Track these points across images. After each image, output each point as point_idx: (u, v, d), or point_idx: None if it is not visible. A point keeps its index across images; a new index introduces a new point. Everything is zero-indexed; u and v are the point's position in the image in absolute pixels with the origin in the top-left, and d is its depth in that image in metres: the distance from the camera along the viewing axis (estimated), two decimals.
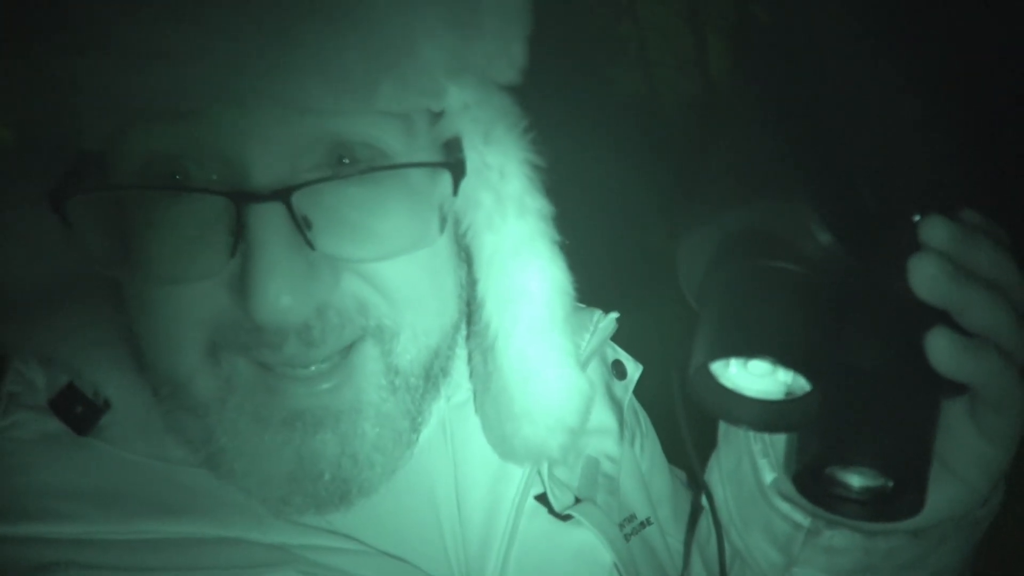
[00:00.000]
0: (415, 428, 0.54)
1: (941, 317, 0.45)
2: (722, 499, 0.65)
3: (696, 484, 0.69)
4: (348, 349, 0.50)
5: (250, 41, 0.43)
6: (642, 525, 0.67)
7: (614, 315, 0.67)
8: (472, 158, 0.53)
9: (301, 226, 0.45)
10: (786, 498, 0.60)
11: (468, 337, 0.62)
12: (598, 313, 0.66)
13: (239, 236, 0.45)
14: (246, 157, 0.46)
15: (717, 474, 0.66)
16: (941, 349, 0.44)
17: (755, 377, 0.48)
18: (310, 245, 0.46)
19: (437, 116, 0.52)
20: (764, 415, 0.48)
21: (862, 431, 0.45)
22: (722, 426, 0.65)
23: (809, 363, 0.44)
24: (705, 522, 0.70)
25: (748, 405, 0.48)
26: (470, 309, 0.59)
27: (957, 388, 0.46)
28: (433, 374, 0.55)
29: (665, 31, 4.71)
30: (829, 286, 0.45)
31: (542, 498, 0.62)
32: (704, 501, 0.65)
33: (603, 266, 0.59)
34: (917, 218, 0.45)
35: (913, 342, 0.44)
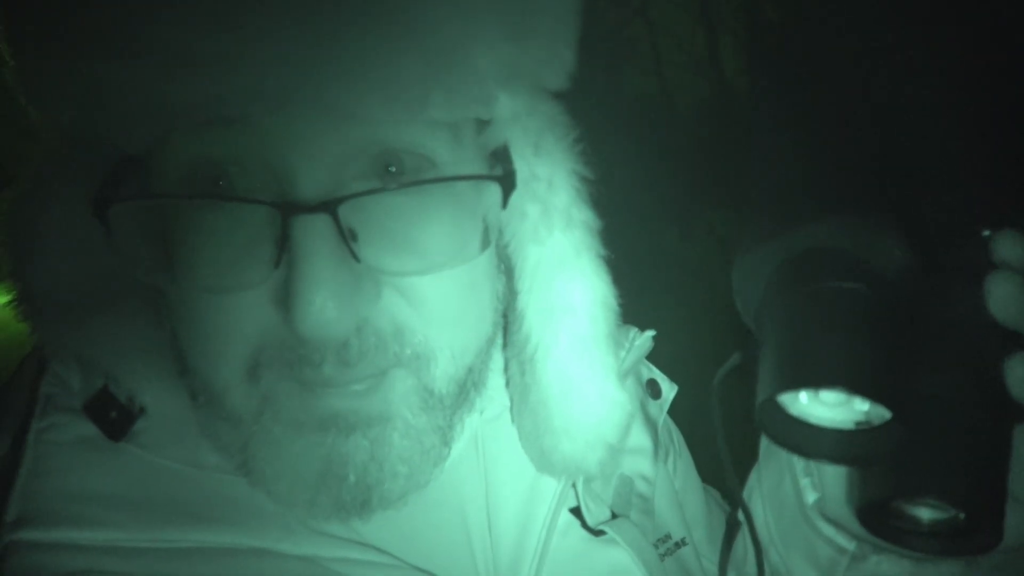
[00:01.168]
0: (446, 443, 0.53)
1: (1016, 339, 0.41)
2: (762, 519, 0.63)
3: (733, 500, 0.67)
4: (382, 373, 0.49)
5: (296, 46, 0.41)
6: (677, 546, 0.66)
7: (650, 333, 0.66)
8: (520, 168, 0.51)
9: (347, 238, 0.44)
10: (830, 520, 0.58)
11: (505, 346, 0.61)
12: (634, 331, 0.65)
13: (283, 247, 0.44)
14: (291, 165, 0.45)
15: (758, 493, 0.64)
16: (1022, 378, 0.42)
17: (828, 407, 0.44)
18: (355, 257, 0.45)
19: (484, 123, 0.51)
20: (842, 447, 0.44)
21: (934, 462, 0.42)
22: (763, 442, 0.63)
23: (887, 391, 0.40)
24: (742, 541, 0.68)
25: (824, 437, 0.45)
26: (507, 320, 0.58)
27: None
28: (467, 389, 0.54)
29: (677, 32, 4.69)
30: (901, 307, 0.42)
31: (576, 512, 0.60)
32: (741, 517, 0.63)
33: (619, 270, 0.58)
34: (987, 234, 0.42)
35: (989, 367, 0.41)
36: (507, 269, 0.56)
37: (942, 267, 0.42)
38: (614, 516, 0.62)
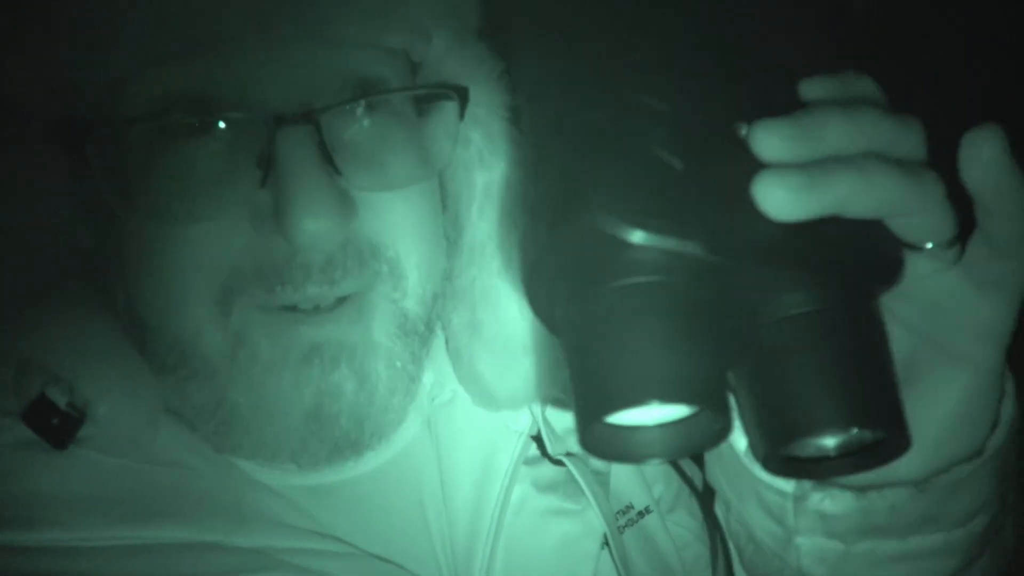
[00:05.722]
0: (417, 378, 0.55)
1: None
2: (716, 478, 0.57)
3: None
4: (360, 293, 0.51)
5: None
6: (640, 515, 0.65)
7: None
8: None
9: (330, 151, 0.46)
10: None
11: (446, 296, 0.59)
12: None
13: (269, 164, 0.45)
14: (271, 91, 0.46)
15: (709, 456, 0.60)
16: (774, 198, 0.30)
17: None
18: (338, 171, 0.46)
19: (416, 66, 0.54)
20: (673, 441, 0.36)
21: (816, 398, 0.36)
22: None
23: (696, 390, 0.33)
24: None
25: (653, 436, 0.36)
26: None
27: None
28: (431, 322, 0.55)
29: None
30: (694, 285, 0.33)
31: (537, 440, 0.61)
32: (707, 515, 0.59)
33: None
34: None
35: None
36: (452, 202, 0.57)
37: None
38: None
